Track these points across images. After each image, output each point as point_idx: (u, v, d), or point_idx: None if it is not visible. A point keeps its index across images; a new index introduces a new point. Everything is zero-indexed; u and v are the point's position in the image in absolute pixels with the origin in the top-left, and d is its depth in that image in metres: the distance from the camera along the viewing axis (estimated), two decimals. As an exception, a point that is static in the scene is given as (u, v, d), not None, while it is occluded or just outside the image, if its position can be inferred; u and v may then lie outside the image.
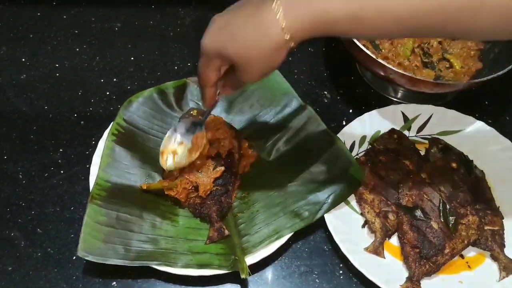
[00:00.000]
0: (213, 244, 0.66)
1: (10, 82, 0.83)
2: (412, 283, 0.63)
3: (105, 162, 0.69)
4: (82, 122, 0.79)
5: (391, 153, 0.73)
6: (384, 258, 0.65)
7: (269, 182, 0.71)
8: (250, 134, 0.76)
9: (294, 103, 0.76)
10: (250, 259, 0.64)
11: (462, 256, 0.67)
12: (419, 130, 0.78)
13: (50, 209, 0.70)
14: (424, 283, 0.63)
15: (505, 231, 0.68)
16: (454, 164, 0.72)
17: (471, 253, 0.67)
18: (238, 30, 0.49)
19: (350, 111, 0.82)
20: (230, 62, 0.52)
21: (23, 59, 0.86)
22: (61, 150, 0.75)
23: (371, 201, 0.69)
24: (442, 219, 0.66)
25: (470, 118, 0.77)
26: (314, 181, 0.69)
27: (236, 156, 0.71)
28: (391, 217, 0.68)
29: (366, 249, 0.65)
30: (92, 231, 0.63)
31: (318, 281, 0.66)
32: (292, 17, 0.47)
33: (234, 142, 0.72)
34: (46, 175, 0.73)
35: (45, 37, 0.89)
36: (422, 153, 0.75)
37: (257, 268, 0.65)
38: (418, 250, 0.64)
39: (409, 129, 0.77)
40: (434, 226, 0.66)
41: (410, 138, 0.76)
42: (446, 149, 0.74)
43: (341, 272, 0.66)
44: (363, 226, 0.68)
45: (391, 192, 0.70)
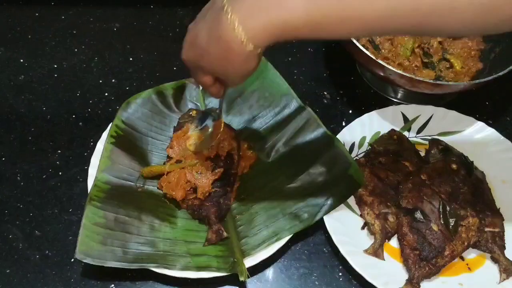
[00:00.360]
0: (211, 246, 0.66)
1: (8, 83, 0.82)
2: (412, 286, 0.62)
3: (103, 163, 0.69)
4: (80, 124, 0.78)
5: (391, 154, 0.73)
6: (383, 260, 0.65)
7: (268, 183, 0.71)
8: (249, 135, 0.76)
9: (293, 104, 0.76)
10: (249, 261, 0.64)
11: (462, 258, 0.66)
12: (419, 131, 0.77)
13: (48, 211, 0.70)
14: (424, 286, 0.63)
15: (505, 233, 0.67)
16: (454, 165, 0.71)
17: (471, 255, 0.67)
18: (204, 45, 0.48)
19: (350, 112, 0.81)
20: (209, 73, 0.52)
21: (21, 60, 0.85)
22: (59, 151, 0.75)
23: (371, 202, 0.68)
24: (442, 221, 0.66)
25: (471, 119, 0.77)
26: (313, 182, 0.69)
27: (235, 157, 0.71)
28: (391, 219, 0.67)
29: (366, 251, 0.65)
30: (90, 233, 0.63)
31: (317, 283, 0.65)
32: (251, 29, 0.45)
33: (233, 143, 0.72)
34: (44, 177, 0.73)
35: (43, 37, 0.88)
36: (422, 154, 0.75)
37: (256, 270, 0.65)
38: (418, 252, 0.64)
39: (409, 130, 0.77)
40: (434, 228, 0.65)
41: (410, 139, 0.76)
42: (446, 150, 0.74)
43: (340, 274, 0.66)
44: (363, 228, 0.68)
45: (391, 193, 0.69)
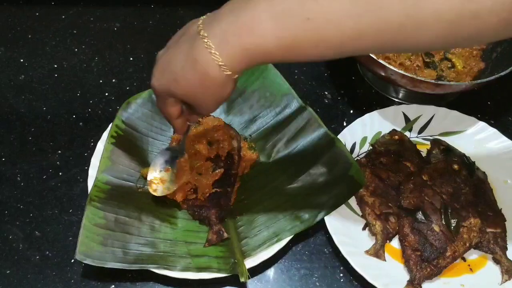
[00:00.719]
0: (212, 247, 0.65)
1: (8, 83, 0.82)
2: (413, 287, 0.62)
3: (103, 164, 0.69)
4: (80, 124, 0.78)
5: (392, 154, 0.72)
6: (385, 261, 0.65)
7: (268, 184, 0.71)
8: (250, 135, 0.76)
9: (294, 104, 0.76)
10: (250, 262, 0.63)
11: (464, 259, 0.66)
12: (421, 131, 0.77)
13: (48, 211, 0.70)
14: (425, 287, 0.63)
15: (507, 234, 0.67)
16: (456, 165, 0.71)
17: (473, 255, 0.66)
18: (179, 70, 0.47)
19: (351, 112, 0.81)
20: (181, 100, 0.51)
21: (21, 60, 0.85)
22: (59, 152, 0.75)
23: (372, 203, 0.68)
24: (443, 222, 0.65)
25: (472, 119, 0.77)
26: (314, 183, 0.69)
27: (235, 157, 0.71)
28: (392, 219, 0.67)
29: (367, 251, 0.65)
30: (90, 234, 0.63)
31: (318, 284, 0.65)
32: (225, 55, 0.45)
33: (233, 144, 0.72)
34: (44, 177, 0.72)
35: (43, 37, 0.88)
36: (424, 154, 0.75)
37: (256, 271, 0.65)
38: (419, 253, 0.64)
39: (410, 130, 0.77)
40: (436, 228, 0.65)
41: (411, 139, 0.76)
42: (448, 150, 0.73)
43: (341, 275, 0.66)
44: (364, 229, 0.68)
45: (392, 194, 0.69)
